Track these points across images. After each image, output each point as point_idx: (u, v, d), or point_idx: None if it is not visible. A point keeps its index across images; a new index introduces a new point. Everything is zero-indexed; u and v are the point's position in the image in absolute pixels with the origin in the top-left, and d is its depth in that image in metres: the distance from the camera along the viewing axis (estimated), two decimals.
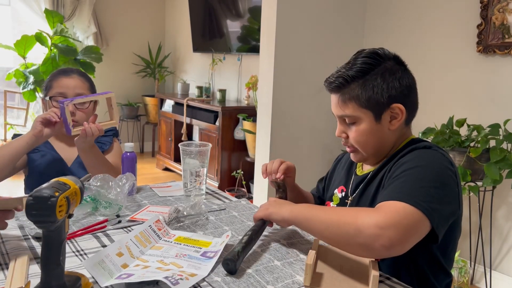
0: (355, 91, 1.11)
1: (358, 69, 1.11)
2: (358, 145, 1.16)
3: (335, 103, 1.17)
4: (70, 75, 1.64)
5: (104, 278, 0.87)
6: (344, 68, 1.14)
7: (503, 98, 2.44)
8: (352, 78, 1.11)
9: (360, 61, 1.12)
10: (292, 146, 3.03)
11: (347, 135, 1.17)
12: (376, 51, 1.13)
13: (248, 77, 4.13)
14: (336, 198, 1.30)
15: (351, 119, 1.14)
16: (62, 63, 4.40)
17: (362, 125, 1.13)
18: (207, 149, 1.47)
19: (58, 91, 1.60)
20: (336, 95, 1.16)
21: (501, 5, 2.41)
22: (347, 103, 1.13)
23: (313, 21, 2.96)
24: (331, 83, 1.16)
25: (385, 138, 1.15)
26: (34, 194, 0.75)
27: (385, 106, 1.11)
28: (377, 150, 1.16)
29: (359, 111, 1.12)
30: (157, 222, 1.15)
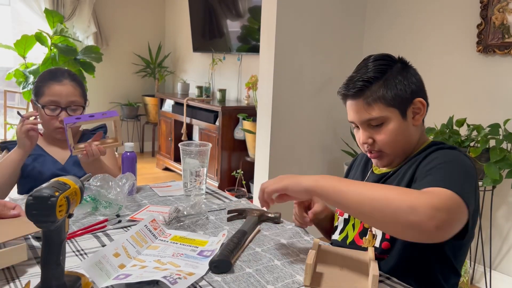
0: (379, 91, 1.11)
1: (376, 69, 1.12)
2: (387, 146, 1.14)
3: (357, 109, 1.14)
4: (62, 81, 1.60)
5: (101, 279, 0.87)
6: (359, 73, 1.14)
7: (503, 98, 2.44)
8: (373, 79, 1.11)
9: (375, 63, 1.13)
10: (292, 146, 3.03)
11: (373, 139, 1.15)
12: (385, 54, 1.16)
13: (248, 77, 4.13)
14: None
15: (378, 120, 1.12)
16: (62, 63, 4.40)
17: (391, 125, 1.12)
18: (207, 149, 1.47)
19: (51, 99, 1.58)
20: (358, 100, 1.13)
21: (501, 5, 2.41)
22: (372, 105, 1.11)
23: (313, 21, 2.96)
24: (352, 89, 1.13)
25: (411, 135, 1.16)
26: (34, 194, 0.75)
27: (409, 102, 1.13)
28: (404, 149, 1.16)
29: (386, 110, 1.11)
30: (152, 221, 1.15)
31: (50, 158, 1.63)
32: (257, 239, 1.17)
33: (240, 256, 1.06)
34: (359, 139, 1.19)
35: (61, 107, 1.59)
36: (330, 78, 3.10)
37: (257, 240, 1.16)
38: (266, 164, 2.96)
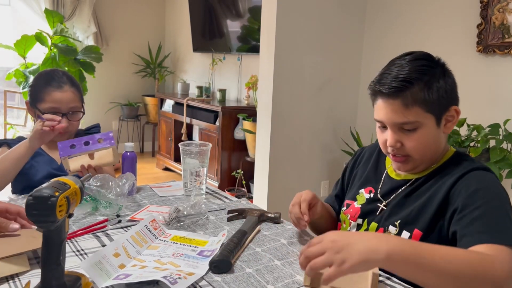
0: (420, 94, 1.03)
1: (418, 70, 1.04)
2: (416, 153, 1.08)
3: (392, 110, 1.05)
4: (62, 87, 1.58)
5: (101, 279, 0.87)
6: (400, 70, 1.05)
7: (503, 98, 2.44)
8: (414, 80, 1.03)
9: (417, 62, 1.05)
10: (292, 146, 3.03)
11: (402, 144, 1.08)
12: (426, 53, 1.09)
13: (248, 77, 4.12)
14: (362, 198, 1.22)
15: (412, 125, 1.05)
16: (62, 63, 4.40)
17: (424, 131, 1.06)
18: (207, 149, 1.47)
19: (52, 106, 1.57)
20: (394, 100, 1.04)
21: (501, 5, 2.41)
22: (410, 108, 1.03)
23: (313, 21, 2.96)
24: (391, 87, 1.04)
25: (440, 143, 1.11)
26: (34, 194, 0.75)
27: (445, 109, 1.07)
28: (432, 156, 1.11)
29: (423, 115, 1.04)
30: (152, 221, 1.15)
31: (48, 157, 1.64)
32: (257, 239, 1.17)
33: (240, 256, 1.06)
34: (384, 141, 1.11)
35: (62, 113, 1.58)
36: (330, 78, 3.10)
37: (257, 240, 1.16)
38: (266, 164, 2.96)
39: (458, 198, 1.01)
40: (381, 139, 1.13)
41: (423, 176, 1.12)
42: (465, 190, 1.01)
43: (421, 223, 1.05)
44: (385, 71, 1.09)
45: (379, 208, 1.16)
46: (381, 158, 1.27)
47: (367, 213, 1.18)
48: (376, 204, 1.17)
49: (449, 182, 1.04)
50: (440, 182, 1.07)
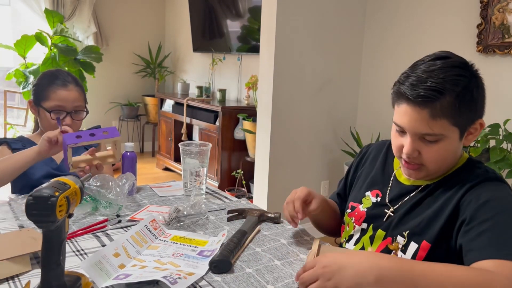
0: (450, 107, 0.95)
1: (453, 80, 0.96)
2: (432, 164, 1.03)
3: (418, 119, 0.98)
4: (68, 86, 1.60)
5: (101, 279, 0.87)
6: (431, 77, 0.97)
7: (503, 98, 2.44)
8: (447, 91, 0.95)
9: (453, 71, 0.97)
10: (292, 146, 3.03)
11: (419, 152, 1.02)
12: (462, 60, 1.02)
13: (248, 77, 4.12)
14: (368, 202, 1.17)
15: (435, 137, 0.99)
16: (62, 63, 4.40)
17: (446, 144, 1.00)
18: (207, 149, 1.47)
19: (57, 104, 1.58)
20: (422, 109, 0.96)
21: (501, 5, 2.41)
22: (437, 119, 0.96)
23: (313, 21, 2.96)
24: (420, 95, 0.96)
25: (457, 154, 1.06)
26: (34, 194, 0.75)
27: (472, 123, 1.02)
28: (447, 167, 1.06)
29: (448, 129, 0.98)
30: (152, 221, 1.15)
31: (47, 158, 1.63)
32: (257, 239, 1.17)
33: (240, 256, 1.06)
34: (399, 146, 1.05)
35: (67, 112, 1.60)
36: (330, 78, 3.10)
37: (257, 240, 1.16)
38: (266, 164, 2.96)
39: (467, 209, 0.97)
40: (396, 143, 1.07)
41: (433, 182, 1.08)
42: (474, 201, 0.96)
43: (429, 234, 1.01)
44: (414, 73, 1.00)
45: (386, 214, 1.11)
46: (389, 159, 1.21)
47: (372, 218, 1.14)
48: (383, 209, 1.13)
49: (460, 192, 1.00)
50: (451, 192, 1.03)
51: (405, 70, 1.05)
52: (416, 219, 1.05)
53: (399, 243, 1.06)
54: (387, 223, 1.11)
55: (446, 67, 0.98)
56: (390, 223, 1.10)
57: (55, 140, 1.44)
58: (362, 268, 0.81)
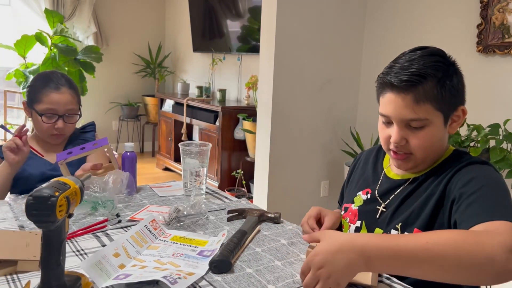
0: (432, 90, 1.00)
1: (434, 66, 1.01)
2: (419, 151, 1.05)
3: (402, 105, 1.02)
4: (61, 89, 1.59)
5: (101, 279, 0.87)
6: (412, 64, 1.01)
7: (503, 98, 2.44)
8: (429, 75, 1.00)
9: (432, 58, 1.02)
10: (292, 146, 3.03)
11: (406, 141, 1.06)
12: (441, 50, 1.06)
13: (248, 77, 4.13)
14: (359, 200, 1.20)
15: (421, 123, 1.02)
16: (62, 63, 4.40)
17: (431, 130, 1.03)
18: (207, 149, 1.47)
19: (49, 107, 1.57)
20: (406, 95, 1.01)
21: (501, 5, 2.41)
22: (421, 104, 1.00)
23: (313, 21, 2.96)
24: (403, 80, 1.00)
25: (444, 143, 1.09)
26: (34, 194, 0.75)
27: (454, 109, 1.06)
28: (434, 156, 1.09)
29: (433, 113, 1.02)
30: (152, 221, 1.15)
31: (41, 159, 1.63)
32: (257, 239, 1.17)
33: (240, 256, 1.06)
34: (387, 137, 1.08)
35: (59, 115, 1.59)
36: (330, 78, 3.10)
37: (257, 240, 1.16)
38: (266, 164, 2.96)
39: (455, 189, 1.00)
40: (383, 134, 1.10)
41: (421, 175, 1.11)
42: (461, 181, 1.00)
43: (420, 221, 1.04)
44: (396, 63, 1.05)
45: (378, 210, 1.14)
46: (379, 159, 1.25)
47: (365, 215, 1.17)
48: (374, 205, 1.15)
49: (447, 177, 1.03)
50: (438, 180, 1.06)
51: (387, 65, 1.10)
52: (407, 212, 1.08)
53: None
54: (380, 220, 1.13)
55: (425, 55, 1.03)
56: (384, 219, 1.12)
57: (14, 147, 1.45)
58: (351, 258, 0.82)
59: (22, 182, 1.56)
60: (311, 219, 1.20)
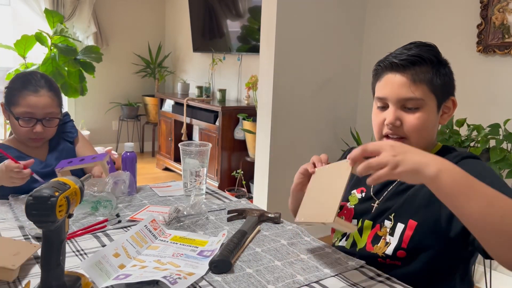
0: (429, 73, 1.06)
1: (429, 53, 1.08)
2: (414, 133, 1.07)
3: (400, 84, 1.07)
4: (39, 91, 1.51)
5: (101, 279, 0.87)
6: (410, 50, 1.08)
7: (503, 98, 2.44)
8: (426, 59, 1.07)
9: (426, 48, 1.09)
10: (292, 146, 3.03)
11: (401, 122, 1.08)
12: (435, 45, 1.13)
13: (248, 77, 4.13)
14: (354, 199, 1.22)
15: (416, 103, 1.06)
16: (62, 63, 4.40)
17: (425, 112, 1.07)
18: (207, 149, 1.47)
19: (26, 111, 1.50)
20: (404, 74, 1.07)
21: (501, 5, 2.41)
22: (417, 84, 1.06)
23: (313, 21, 2.96)
24: (402, 59, 1.07)
25: (434, 132, 1.12)
26: (34, 194, 0.75)
27: (446, 97, 1.10)
28: (425, 145, 1.10)
29: (428, 95, 1.07)
30: (152, 221, 1.15)
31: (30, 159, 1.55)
32: (257, 239, 1.17)
33: (240, 256, 1.06)
34: (381, 121, 1.10)
35: (37, 119, 1.52)
36: (330, 78, 3.10)
37: (257, 240, 1.16)
38: (266, 164, 2.96)
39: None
40: (377, 120, 1.11)
41: None
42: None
43: (414, 212, 1.05)
44: (396, 51, 1.10)
45: (372, 207, 1.16)
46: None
47: (361, 213, 1.18)
48: (369, 203, 1.17)
49: None
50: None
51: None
52: (398, 202, 1.09)
53: (387, 227, 1.09)
54: (373, 215, 1.14)
55: (418, 45, 1.10)
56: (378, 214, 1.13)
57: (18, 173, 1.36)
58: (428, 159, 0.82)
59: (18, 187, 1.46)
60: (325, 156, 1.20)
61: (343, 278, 0.98)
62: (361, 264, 1.04)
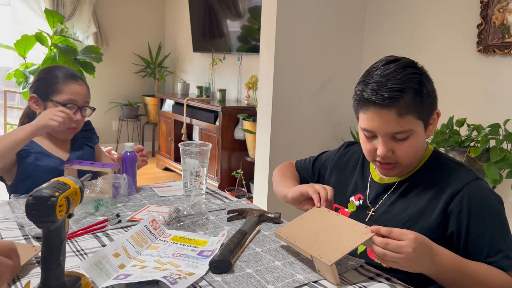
0: (413, 103, 1.03)
1: (409, 78, 1.04)
2: (406, 159, 1.09)
3: (386, 120, 1.04)
4: (79, 81, 1.61)
5: (101, 279, 0.87)
6: (389, 79, 1.04)
7: (503, 98, 2.44)
8: (407, 88, 1.03)
9: (406, 70, 1.05)
10: (292, 146, 3.03)
11: (393, 151, 1.08)
12: (409, 60, 1.10)
13: (248, 77, 4.12)
14: (353, 206, 1.23)
15: (405, 134, 1.05)
16: (62, 62, 4.40)
17: (414, 138, 1.07)
18: (207, 149, 1.47)
19: (70, 98, 1.56)
20: (389, 110, 1.03)
21: (501, 5, 2.41)
22: (404, 117, 1.03)
23: (313, 21, 2.96)
24: (385, 98, 1.02)
25: (424, 146, 1.14)
26: (34, 194, 0.75)
27: (431, 114, 1.10)
28: (416, 160, 1.13)
29: (415, 123, 1.06)
30: (152, 221, 1.15)
31: (52, 157, 1.59)
32: (257, 239, 1.17)
33: (240, 256, 1.06)
34: (371, 149, 1.11)
35: (78, 107, 1.59)
36: (330, 78, 3.10)
37: (257, 240, 1.16)
38: (266, 164, 2.96)
39: (460, 221, 1.03)
40: (368, 148, 1.12)
41: (405, 178, 1.15)
42: (465, 213, 1.03)
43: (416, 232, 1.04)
44: (370, 79, 1.07)
45: (368, 214, 1.18)
46: (366, 163, 1.28)
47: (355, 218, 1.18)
48: (365, 211, 1.20)
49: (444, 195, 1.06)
50: (424, 186, 1.10)
51: (360, 79, 1.13)
52: (399, 218, 1.11)
53: None
54: (368, 222, 1.16)
55: (399, 68, 1.06)
56: (374, 222, 1.15)
57: (65, 118, 1.46)
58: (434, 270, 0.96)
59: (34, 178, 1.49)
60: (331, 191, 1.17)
61: (343, 278, 0.98)
62: (361, 264, 1.04)
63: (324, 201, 1.14)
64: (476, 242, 1.01)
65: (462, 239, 1.03)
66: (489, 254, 1.00)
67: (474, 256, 1.01)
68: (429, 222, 1.06)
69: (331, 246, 0.96)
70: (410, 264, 0.91)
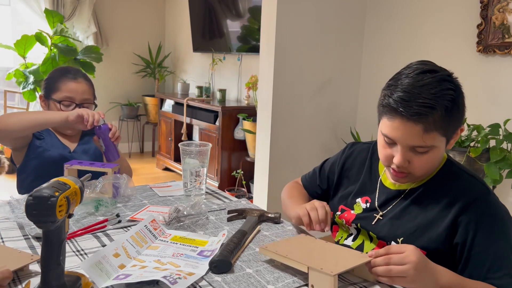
0: (441, 120, 1.00)
1: (444, 95, 0.99)
2: (421, 172, 1.08)
3: (412, 133, 1.01)
4: (77, 79, 1.68)
5: (101, 279, 0.87)
6: (422, 92, 0.99)
7: (503, 98, 2.44)
8: (439, 106, 0.99)
9: (443, 85, 1.00)
10: (292, 146, 3.03)
11: (409, 162, 1.06)
12: (448, 73, 1.05)
13: (248, 77, 4.12)
14: (359, 208, 1.22)
15: (427, 148, 1.04)
16: (62, 63, 4.40)
17: (435, 153, 1.05)
18: (207, 149, 1.47)
19: (67, 95, 1.65)
20: (416, 124, 1.00)
21: (501, 5, 2.41)
22: (429, 133, 1.01)
23: (313, 21, 2.96)
24: (415, 112, 0.99)
25: (440, 159, 1.12)
26: (34, 194, 0.75)
27: (456, 131, 1.08)
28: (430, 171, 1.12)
29: (439, 139, 1.03)
30: (152, 221, 1.15)
31: (61, 144, 1.69)
32: (257, 239, 1.17)
33: (240, 256, 1.06)
34: (388, 156, 1.09)
35: (76, 104, 1.66)
36: (330, 78, 3.10)
37: (257, 240, 1.16)
38: (266, 164, 2.96)
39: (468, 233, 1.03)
40: (385, 153, 1.10)
41: (418, 186, 1.13)
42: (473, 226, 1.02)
43: (424, 241, 1.06)
44: (402, 86, 1.02)
45: (375, 217, 1.17)
46: (374, 164, 1.26)
47: (362, 219, 1.20)
48: (372, 213, 1.18)
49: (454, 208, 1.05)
50: (435, 196, 1.09)
51: (389, 82, 1.07)
52: (408, 226, 1.10)
53: None
54: (374, 226, 1.16)
55: (435, 81, 1.01)
56: (379, 227, 1.15)
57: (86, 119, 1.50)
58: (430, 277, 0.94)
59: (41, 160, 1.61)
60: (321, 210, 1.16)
61: (343, 278, 0.98)
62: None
63: (316, 223, 1.14)
64: (480, 256, 1.00)
65: (466, 251, 1.02)
66: (490, 269, 0.99)
67: (475, 269, 1.00)
68: (438, 232, 1.05)
69: (331, 261, 0.94)
70: (416, 273, 0.90)
